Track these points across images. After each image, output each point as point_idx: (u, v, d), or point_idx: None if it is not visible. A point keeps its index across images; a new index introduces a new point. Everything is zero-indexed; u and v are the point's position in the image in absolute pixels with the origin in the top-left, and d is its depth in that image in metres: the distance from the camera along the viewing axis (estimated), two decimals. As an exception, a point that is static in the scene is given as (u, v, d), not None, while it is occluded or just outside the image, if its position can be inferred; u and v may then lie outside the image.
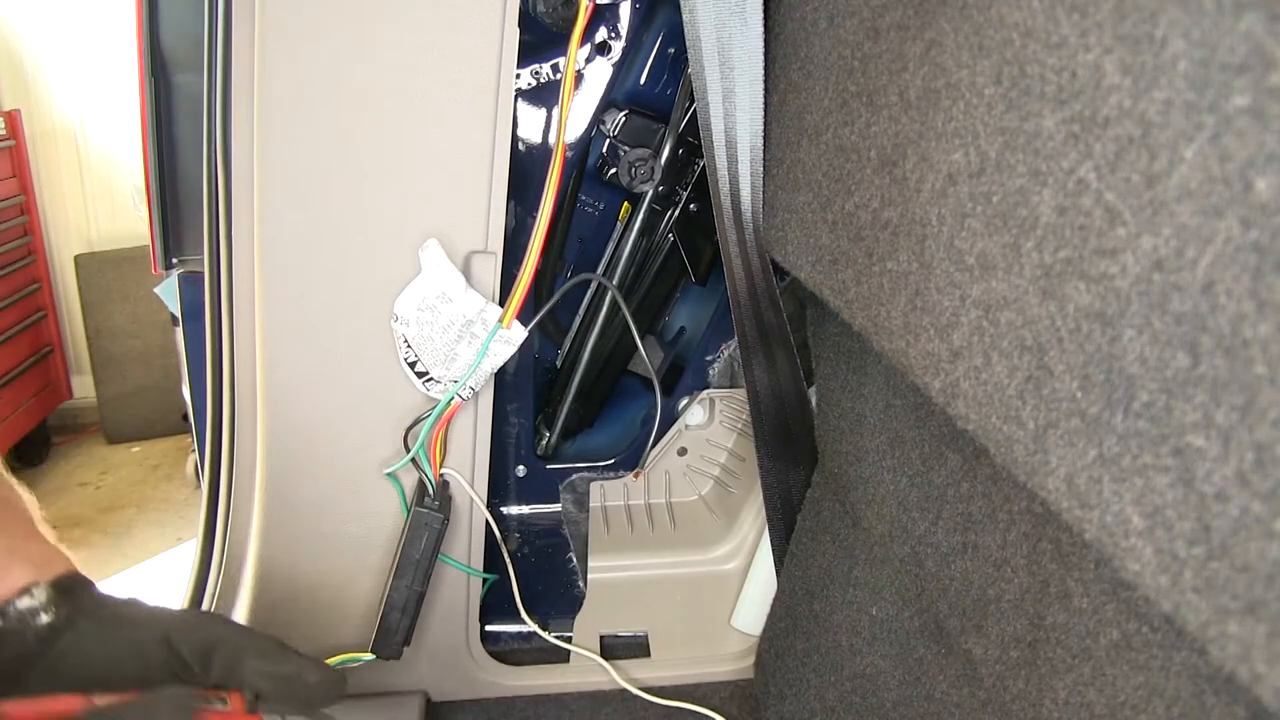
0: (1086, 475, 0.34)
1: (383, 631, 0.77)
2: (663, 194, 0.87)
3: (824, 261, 0.59)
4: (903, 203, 0.48)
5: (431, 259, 0.69)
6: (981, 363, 0.41)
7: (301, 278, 0.70)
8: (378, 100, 0.66)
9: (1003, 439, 0.39)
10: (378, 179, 0.68)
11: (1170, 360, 0.30)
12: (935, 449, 0.56)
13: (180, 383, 1.23)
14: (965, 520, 0.53)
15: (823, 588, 0.76)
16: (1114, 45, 0.32)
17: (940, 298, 0.44)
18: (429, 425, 0.74)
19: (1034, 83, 0.36)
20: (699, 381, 1.01)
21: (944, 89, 0.43)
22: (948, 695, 0.56)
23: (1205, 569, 0.29)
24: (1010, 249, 0.38)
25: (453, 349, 0.72)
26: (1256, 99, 0.26)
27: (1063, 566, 0.44)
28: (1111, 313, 0.32)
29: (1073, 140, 0.34)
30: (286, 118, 0.65)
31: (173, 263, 0.98)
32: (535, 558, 1.02)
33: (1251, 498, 0.27)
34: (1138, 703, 0.39)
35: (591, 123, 0.84)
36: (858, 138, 0.53)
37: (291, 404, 0.73)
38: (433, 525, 0.75)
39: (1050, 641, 0.45)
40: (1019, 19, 0.37)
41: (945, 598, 0.55)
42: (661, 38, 0.82)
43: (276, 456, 0.74)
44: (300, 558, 0.78)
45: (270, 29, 0.63)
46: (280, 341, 0.71)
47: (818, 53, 0.59)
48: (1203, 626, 0.29)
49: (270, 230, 0.68)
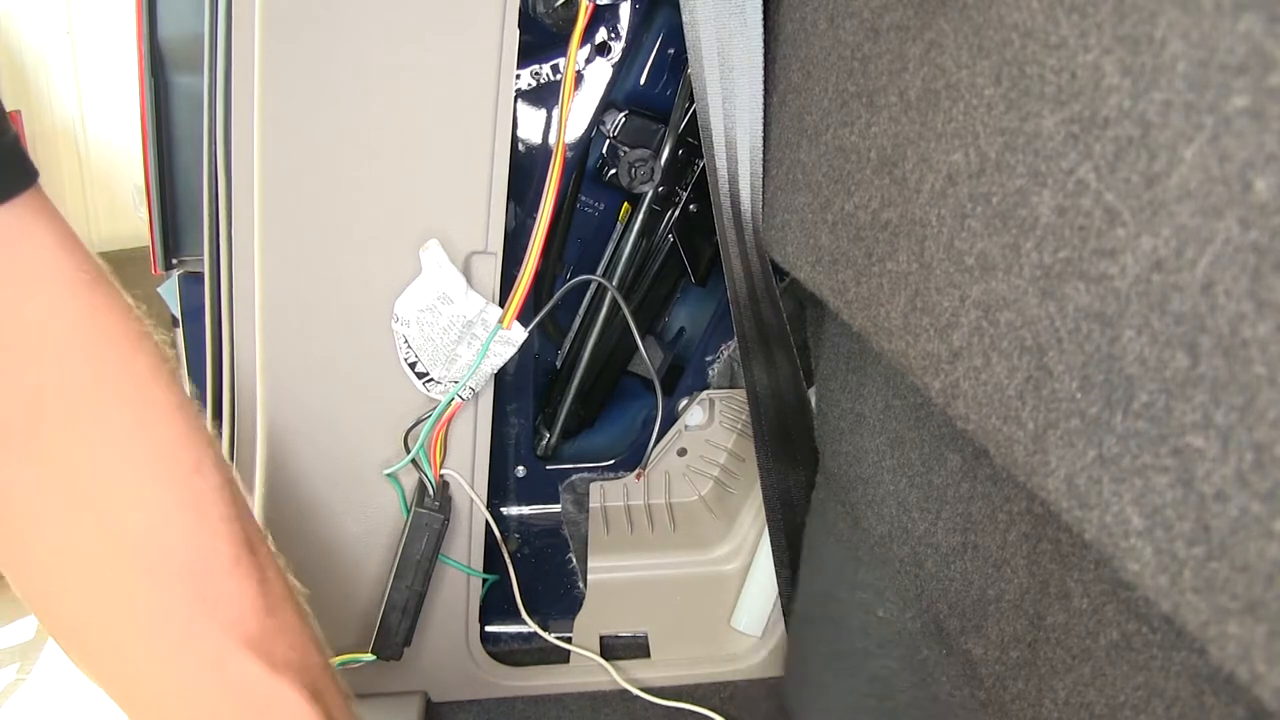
0: (1086, 475, 0.34)
1: (383, 632, 0.77)
2: (663, 194, 0.88)
3: (823, 262, 0.59)
4: (902, 203, 0.48)
5: (433, 260, 0.69)
6: (981, 363, 0.41)
7: (301, 278, 0.70)
8: (377, 101, 0.66)
9: (1002, 439, 0.39)
10: (377, 179, 0.68)
11: (1170, 360, 0.30)
12: (935, 449, 0.56)
13: (180, 383, 1.22)
14: (965, 521, 0.53)
15: (834, 589, 0.76)
16: (1113, 46, 0.32)
17: (940, 298, 0.44)
18: (429, 426, 0.74)
19: (1033, 83, 0.36)
20: (699, 382, 1.01)
21: (944, 89, 0.43)
22: (951, 696, 0.56)
23: (1205, 569, 0.29)
24: (1010, 249, 0.38)
25: (453, 350, 0.72)
26: (1256, 100, 0.26)
27: (1062, 567, 0.44)
28: (1111, 313, 0.32)
29: (1072, 141, 0.34)
30: (286, 118, 0.65)
31: (173, 263, 0.98)
32: (535, 558, 1.02)
33: (1251, 498, 0.27)
34: (1137, 703, 0.39)
35: (591, 123, 0.84)
36: (857, 138, 0.53)
37: (291, 405, 0.73)
38: (433, 526, 0.75)
39: (1050, 642, 0.45)
40: (1018, 20, 0.37)
41: (945, 598, 0.55)
42: (661, 38, 0.82)
43: (277, 457, 0.74)
44: (300, 558, 0.78)
45: (270, 29, 0.63)
46: (280, 342, 0.71)
47: (817, 53, 0.59)
48: (1202, 626, 0.29)
49: (270, 230, 0.68)
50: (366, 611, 0.80)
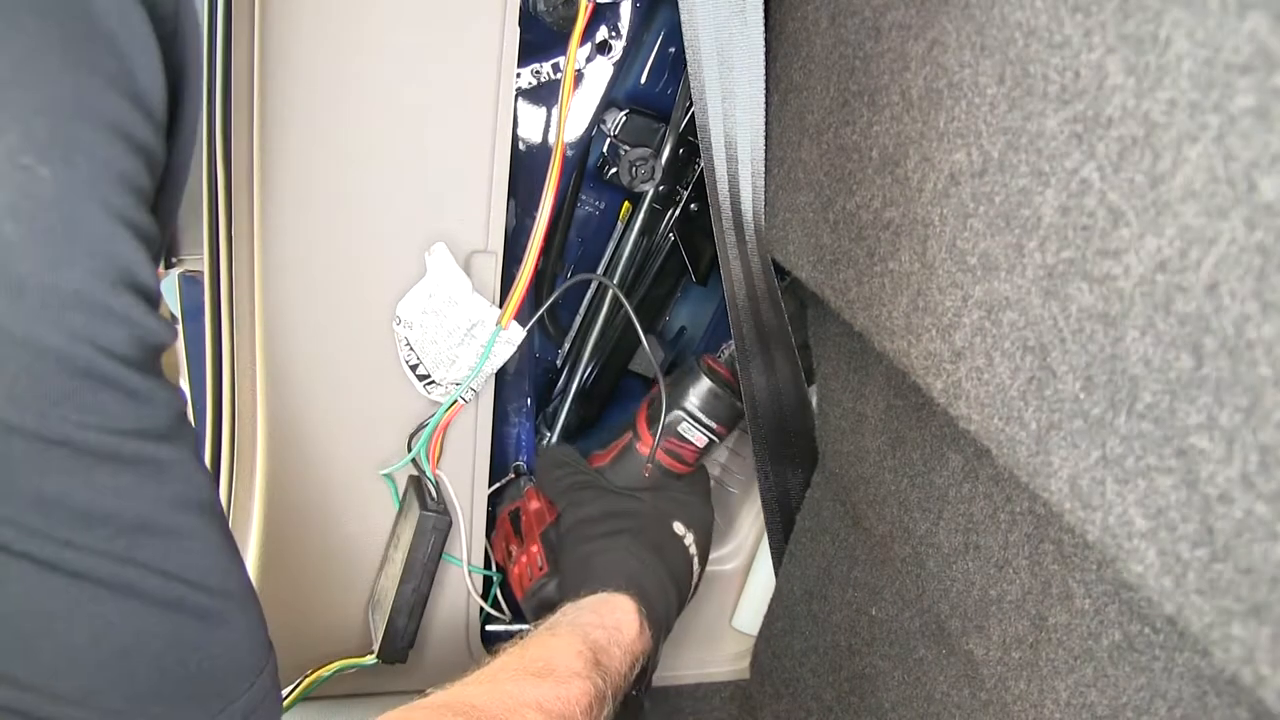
0: (1089, 477, 0.34)
1: (388, 636, 0.76)
2: (663, 194, 0.87)
3: (825, 262, 0.59)
4: (905, 203, 0.48)
5: (438, 262, 0.69)
6: (984, 363, 0.41)
7: (301, 278, 0.69)
8: (377, 99, 0.66)
9: (1005, 440, 0.39)
10: (377, 178, 0.68)
11: (1174, 361, 0.30)
12: (937, 450, 0.56)
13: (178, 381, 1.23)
14: (967, 521, 0.53)
15: (821, 588, 0.76)
16: (1118, 45, 0.32)
17: (942, 298, 0.44)
18: (431, 429, 0.74)
19: (1037, 82, 0.36)
20: (699, 381, 1.01)
21: (946, 88, 0.43)
22: (948, 696, 0.56)
23: (1209, 571, 0.28)
24: (1013, 249, 0.38)
25: (455, 351, 0.72)
26: (1261, 99, 0.26)
27: (1065, 567, 0.44)
28: (1115, 313, 0.32)
29: (1076, 140, 0.34)
30: (286, 117, 0.65)
31: (172, 262, 0.98)
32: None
33: (1255, 499, 0.27)
34: (1140, 704, 0.39)
35: (592, 122, 0.83)
36: (859, 137, 0.53)
37: (291, 405, 0.73)
38: (439, 528, 0.75)
39: (1052, 642, 0.45)
40: (1022, 18, 0.37)
41: (947, 598, 0.55)
42: (662, 37, 0.82)
43: (276, 457, 0.74)
44: (301, 558, 0.78)
45: (270, 29, 0.63)
46: (280, 342, 0.71)
47: (819, 52, 0.59)
48: (1206, 629, 0.29)
49: (269, 230, 0.68)
50: (366, 613, 0.80)
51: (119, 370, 0.37)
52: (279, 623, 0.79)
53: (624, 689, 0.62)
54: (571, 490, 0.78)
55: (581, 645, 0.59)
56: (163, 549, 0.40)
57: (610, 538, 0.72)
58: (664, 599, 0.70)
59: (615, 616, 0.64)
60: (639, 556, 0.70)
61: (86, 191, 0.35)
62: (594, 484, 0.78)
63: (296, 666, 0.78)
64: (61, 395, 0.35)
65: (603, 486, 0.78)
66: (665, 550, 0.73)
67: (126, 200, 0.37)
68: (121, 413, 0.38)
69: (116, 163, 0.36)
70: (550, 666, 0.56)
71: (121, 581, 0.38)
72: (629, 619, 0.65)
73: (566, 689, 0.55)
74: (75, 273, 0.35)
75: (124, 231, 0.37)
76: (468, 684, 0.55)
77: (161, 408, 0.40)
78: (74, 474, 0.36)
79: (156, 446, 0.40)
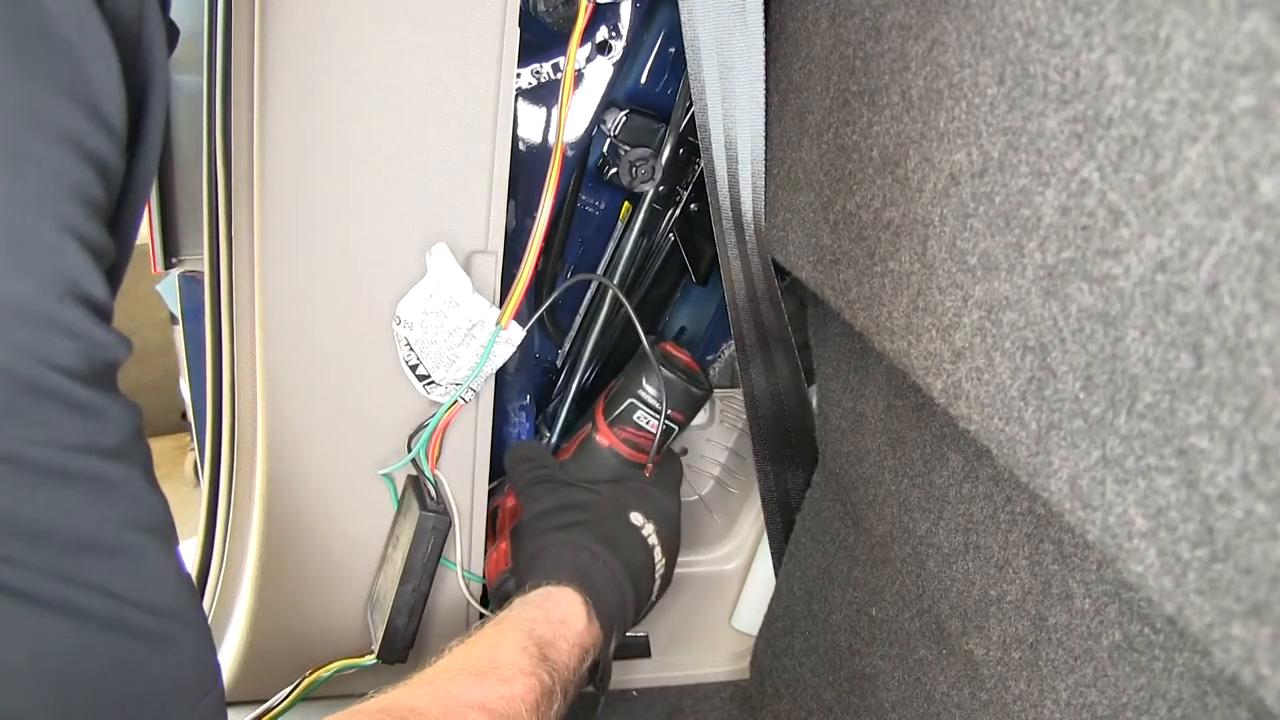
0: (1089, 476, 0.34)
1: (388, 636, 0.76)
2: (663, 194, 0.87)
3: (825, 262, 0.59)
4: (905, 203, 0.48)
5: (439, 263, 0.69)
6: (984, 363, 0.41)
7: (300, 278, 0.69)
8: (377, 99, 0.66)
9: (1005, 440, 0.39)
10: (377, 178, 0.68)
11: (1174, 361, 0.30)
12: (937, 450, 0.56)
13: (178, 382, 1.23)
14: (967, 521, 0.53)
15: (821, 588, 0.76)
16: (1118, 45, 0.32)
17: (942, 298, 0.44)
18: (431, 428, 0.74)
19: (1037, 82, 0.36)
20: (699, 381, 1.01)
21: (946, 89, 0.43)
22: (948, 696, 0.56)
23: (1209, 571, 0.28)
24: (1013, 249, 0.38)
25: (454, 352, 0.72)
26: (1261, 99, 0.26)
27: (1065, 567, 0.44)
28: (1115, 313, 0.32)
29: (1076, 140, 0.34)
30: (286, 117, 0.65)
31: (172, 262, 0.98)
32: (535, 558, 1.02)
33: (1256, 499, 0.27)
34: (1140, 704, 0.39)
35: (592, 122, 0.83)
36: (859, 137, 0.53)
37: (291, 404, 0.73)
38: (439, 528, 0.75)
39: (1052, 642, 0.45)
40: (1022, 18, 0.37)
41: (947, 598, 0.55)
42: (662, 37, 0.82)
43: (276, 457, 0.74)
44: (301, 558, 0.78)
45: (270, 28, 0.63)
46: (280, 342, 0.71)
47: (819, 52, 0.59)
48: (1206, 629, 0.29)
49: (269, 230, 0.68)
50: (365, 613, 0.80)
51: (66, 385, 0.36)
52: (279, 623, 0.79)
53: (575, 682, 0.61)
54: (531, 485, 0.77)
55: (526, 640, 0.58)
56: (108, 569, 0.39)
57: (562, 530, 0.72)
58: (616, 590, 0.68)
59: (561, 610, 0.63)
60: (589, 549, 0.69)
61: (34, 203, 0.35)
62: (552, 477, 0.78)
63: (296, 667, 0.78)
64: (4, 410, 0.34)
65: (561, 480, 0.77)
66: (619, 541, 0.72)
67: (77, 212, 0.36)
68: (68, 428, 0.37)
69: (68, 174, 0.36)
70: (494, 664, 0.55)
71: (63, 601, 0.37)
72: (575, 611, 0.64)
73: (510, 687, 0.54)
74: (20, 285, 0.34)
75: (73, 244, 0.36)
76: (409, 685, 0.54)
77: (113, 424, 0.39)
78: (16, 490, 0.35)
79: (105, 464, 0.38)
